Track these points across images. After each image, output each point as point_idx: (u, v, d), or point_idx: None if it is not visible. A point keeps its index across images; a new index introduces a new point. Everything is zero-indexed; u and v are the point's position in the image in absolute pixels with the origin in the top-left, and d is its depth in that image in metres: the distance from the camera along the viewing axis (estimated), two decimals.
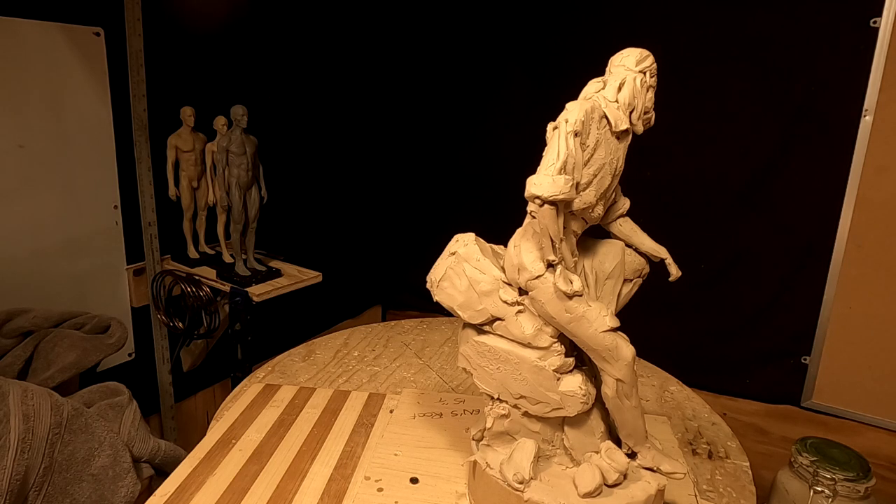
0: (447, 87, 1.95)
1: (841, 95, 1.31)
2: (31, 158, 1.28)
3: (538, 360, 0.66)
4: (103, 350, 1.16)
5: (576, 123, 0.62)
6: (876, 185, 1.31)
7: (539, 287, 0.63)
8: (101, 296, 1.46)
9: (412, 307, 2.22)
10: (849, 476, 1.08)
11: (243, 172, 1.44)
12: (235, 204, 1.46)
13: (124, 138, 1.44)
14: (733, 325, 1.53)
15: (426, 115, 2.03)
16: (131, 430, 1.02)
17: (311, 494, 0.76)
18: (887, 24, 1.24)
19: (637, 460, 0.70)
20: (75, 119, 1.34)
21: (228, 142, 1.42)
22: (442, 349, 1.27)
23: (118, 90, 1.40)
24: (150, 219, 1.51)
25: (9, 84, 1.22)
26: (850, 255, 1.36)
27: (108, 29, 1.36)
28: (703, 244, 1.52)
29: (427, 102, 2.02)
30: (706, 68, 1.45)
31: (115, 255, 1.49)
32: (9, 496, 0.80)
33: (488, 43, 1.82)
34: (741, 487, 0.81)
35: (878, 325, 1.34)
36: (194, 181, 1.55)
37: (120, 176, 1.45)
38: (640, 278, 0.78)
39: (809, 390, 1.45)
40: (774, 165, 1.42)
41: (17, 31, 1.21)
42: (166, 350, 1.64)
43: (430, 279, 0.73)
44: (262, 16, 1.72)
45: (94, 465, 0.91)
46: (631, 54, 0.69)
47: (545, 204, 0.60)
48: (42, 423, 0.86)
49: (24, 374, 1.08)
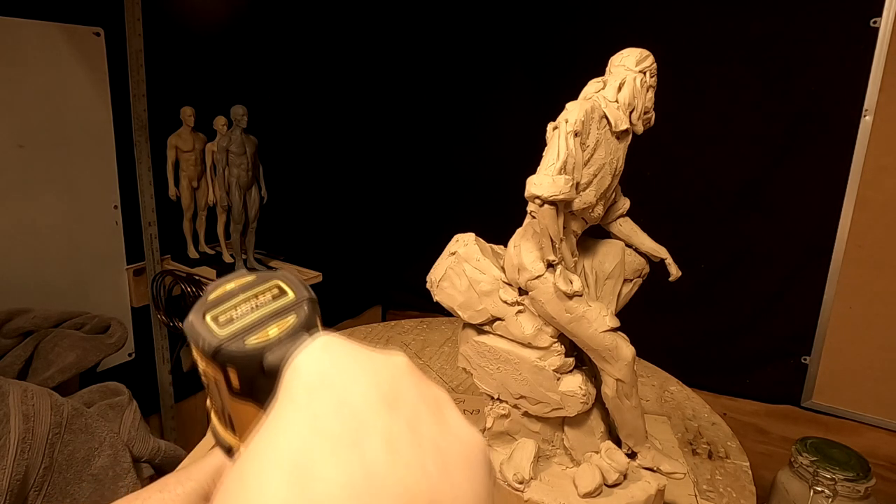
0: (447, 87, 1.95)
1: (841, 95, 1.31)
2: (31, 158, 1.28)
3: (538, 360, 0.66)
4: (103, 350, 1.16)
5: (576, 123, 0.62)
6: (876, 185, 1.31)
7: (539, 287, 0.63)
8: (101, 296, 1.46)
9: (412, 307, 2.22)
10: (849, 476, 1.08)
11: (243, 172, 1.44)
12: (235, 204, 1.46)
13: (124, 138, 1.44)
14: (733, 325, 1.53)
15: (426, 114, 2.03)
16: (131, 430, 1.02)
17: None
18: (887, 24, 1.24)
19: (637, 460, 0.70)
20: (75, 119, 1.34)
21: (228, 142, 1.42)
22: (442, 349, 1.27)
23: (118, 90, 1.40)
24: (150, 219, 1.51)
25: (9, 84, 1.22)
26: (850, 255, 1.36)
27: (108, 29, 1.36)
28: (703, 244, 1.52)
29: (427, 102, 2.02)
30: (706, 68, 1.45)
31: (115, 255, 1.49)
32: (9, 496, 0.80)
33: (488, 43, 1.82)
34: (741, 487, 0.81)
35: (878, 325, 1.34)
36: (194, 181, 1.55)
37: (120, 176, 1.45)
38: (640, 278, 0.78)
39: (809, 390, 1.45)
40: (774, 165, 1.42)
41: (17, 31, 1.21)
42: (166, 350, 1.64)
43: (430, 279, 0.73)
44: (261, 16, 1.72)
45: (94, 465, 0.91)
46: (631, 54, 0.69)
47: (545, 204, 0.60)
48: (42, 423, 0.86)
49: (24, 374, 1.08)
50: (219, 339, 0.25)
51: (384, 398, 0.21)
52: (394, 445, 0.19)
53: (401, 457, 0.19)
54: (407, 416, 0.21)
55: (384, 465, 0.18)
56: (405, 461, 0.19)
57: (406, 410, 0.21)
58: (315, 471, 0.18)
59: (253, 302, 0.27)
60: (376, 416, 0.20)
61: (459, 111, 1.94)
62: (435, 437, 0.21)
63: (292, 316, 0.26)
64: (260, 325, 0.26)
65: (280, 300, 0.27)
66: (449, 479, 0.20)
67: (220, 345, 0.25)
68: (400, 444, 0.19)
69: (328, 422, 0.19)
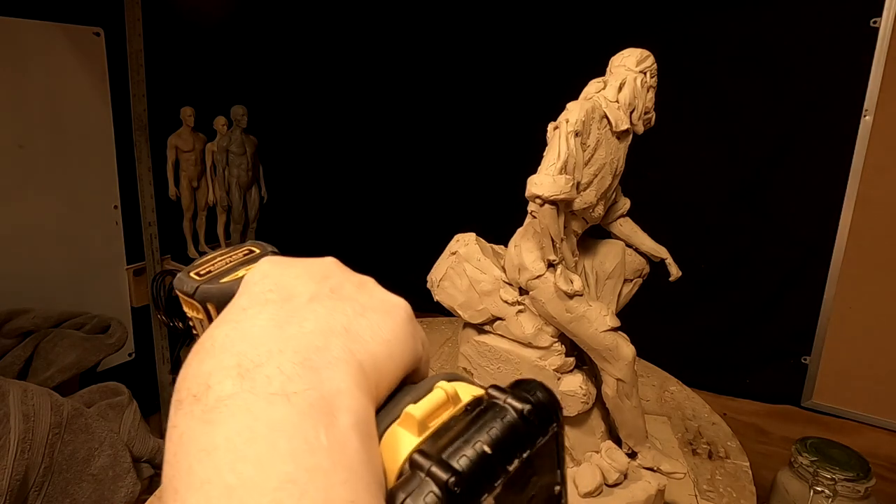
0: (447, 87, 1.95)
1: (841, 95, 1.31)
2: (31, 158, 1.28)
3: (539, 360, 0.66)
4: (103, 350, 1.16)
5: (576, 123, 0.62)
6: (876, 185, 1.31)
7: (540, 287, 0.63)
8: (101, 296, 1.46)
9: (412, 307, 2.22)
10: (849, 476, 1.08)
11: (243, 172, 1.44)
12: (235, 204, 1.46)
13: (124, 138, 1.44)
14: (733, 325, 1.53)
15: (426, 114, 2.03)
16: (131, 430, 1.02)
17: None
18: (887, 24, 1.24)
19: (637, 460, 0.70)
20: (75, 119, 1.34)
21: (228, 142, 1.42)
22: (442, 349, 1.27)
23: (118, 90, 1.40)
24: (150, 219, 1.51)
25: (9, 84, 1.22)
26: (850, 255, 1.36)
27: (108, 29, 1.36)
28: (703, 244, 1.51)
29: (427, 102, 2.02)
30: (706, 68, 1.45)
31: (115, 255, 1.49)
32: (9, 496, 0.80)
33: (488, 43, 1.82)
34: (741, 487, 0.81)
35: (878, 324, 1.34)
36: (194, 181, 1.55)
37: (120, 176, 1.45)
38: (640, 278, 0.78)
39: (809, 390, 1.45)
40: (774, 165, 1.42)
41: (17, 31, 1.21)
42: (166, 350, 1.64)
43: (430, 279, 0.73)
44: (261, 16, 1.72)
45: (94, 465, 0.91)
46: (631, 54, 0.69)
47: (546, 204, 0.60)
48: (42, 423, 0.86)
49: (24, 374, 1.08)
50: (197, 282, 0.31)
51: (313, 276, 0.26)
52: (316, 299, 0.24)
53: (321, 304, 0.24)
54: (331, 286, 0.25)
55: (305, 310, 0.23)
56: (326, 306, 0.23)
57: (332, 282, 0.26)
58: (248, 317, 0.22)
59: (227, 258, 0.34)
60: (304, 287, 0.25)
61: (459, 111, 1.94)
62: (356, 296, 0.25)
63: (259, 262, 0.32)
64: (232, 271, 0.32)
65: (249, 255, 0.34)
66: (366, 318, 0.24)
67: (198, 286, 0.31)
68: (322, 298, 0.24)
69: (266, 294, 0.24)
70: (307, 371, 0.20)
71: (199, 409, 0.19)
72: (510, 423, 0.21)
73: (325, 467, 0.18)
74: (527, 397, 0.22)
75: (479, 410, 0.22)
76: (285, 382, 0.19)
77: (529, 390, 0.22)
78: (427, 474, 0.19)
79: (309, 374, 0.20)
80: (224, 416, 0.19)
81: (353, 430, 0.20)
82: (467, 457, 0.19)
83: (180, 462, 0.19)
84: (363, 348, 0.23)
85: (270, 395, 0.19)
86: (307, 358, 0.21)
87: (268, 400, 0.19)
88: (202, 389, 0.20)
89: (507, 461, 0.20)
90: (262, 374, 0.20)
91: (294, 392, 0.19)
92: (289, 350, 0.21)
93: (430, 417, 0.22)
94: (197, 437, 0.19)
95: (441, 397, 0.22)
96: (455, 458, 0.19)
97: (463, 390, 0.23)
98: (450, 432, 0.21)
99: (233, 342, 0.21)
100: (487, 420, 0.21)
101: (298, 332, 0.22)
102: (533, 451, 0.21)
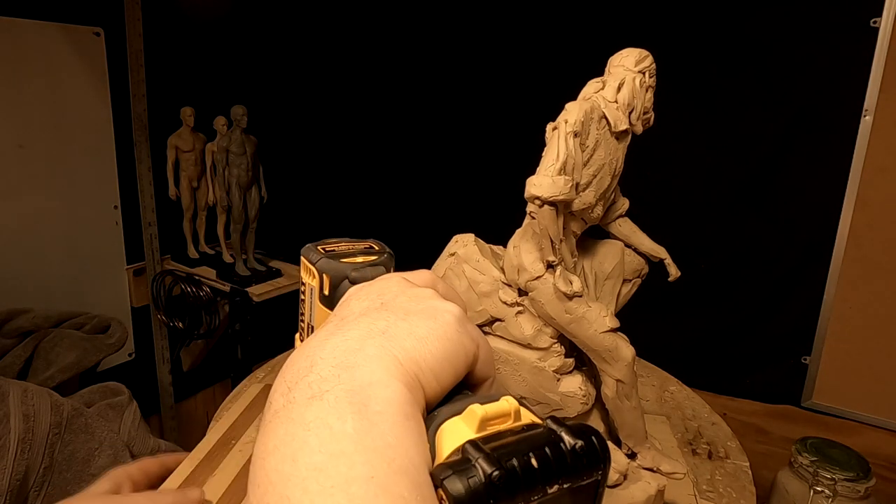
0: (447, 87, 1.95)
1: (841, 95, 1.31)
2: (31, 158, 1.28)
3: (538, 361, 0.66)
4: (103, 350, 1.16)
5: (575, 124, 0.62)
6: (876, 185, 1.30)
7: (539, 288, 0.63)
8: (101, 296, 1.47)
9: None
10: (849, 476, 1.08)
11: (243, 172, 1.44)
12: (235, 204, 1.46)
13: (124, 138, 1.44)
14: (733, 325, 1.53)
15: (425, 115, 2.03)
16: (131, 430, 1.03)
17: None
18: (887, 24, 1.24)
19: (637, 460, 0.70)
20: (75, 119, 1.34)
21: (228, 142, 1.42)
22: None
23: (118, 90, 1.40)
24: (150, 219, 1.51)
25: (9, 84, 1.22)
26: (850, 255, 1.36)
27: (108, 29, 1.36)
28: (703, 244, 1.51)
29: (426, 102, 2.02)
30: (706, 68, 1.45)
31: (115, 255, 1.49)
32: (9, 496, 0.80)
33: (487, 43, 1.82)
34: (741, 487, 0.81)
35: (878, 325, 1.34)
36: (194, 181, 1.55)
37: (120, 176, 1.45)
38: (639, 278, 0.78)
39: (809, 390, 1.45)
40: (774, 165, 1.42)
41: (17, 31, 1.21)
42: (166, 350, 1.64)
43: None
44: (261, 16, 1.72)
45: (94, 465, 0.91)
46: (630, 54, 0.69)
47: (545, 204, 0.60)
48: (42, 423, 0.86)
49: (24, 374, 1.08)
50: (321, 255, 0.38)
51: (370, 295, 0.30)
52: (366, 313, 0.28)
53: (368, 316, 0.28)
54: (385, 300, 0.30)
55: (352, 322, 0.27)
56: (372, 317, 0.27)
57: (386, 297, 0.30)
58: (311, 338, 0.27)
59: (350, 245, 0.41)
60: (359, 305, 0.30)
61: (458, 112, 1.94)
62: (406, 304, 0.29)
63: (375, 256, 0.39)
64: (351, 255, 0.38)
65: (367, 249, 0.41)
66: (407, 321, 0.27)
67: (321, 258, 0.37)
68: (371, 312, 0.28)
69: (331, 318, 0.30)
70: (342, 370, 0.24)
71: (263, 423, 0.24)
72: (561, 451, 0.22)
73: (349, 451, 0.21)
74: (583, 436, 0.23)
75: (536, 433, 0.23)
76: (321, 384, 0.23)
77: (586, 431, 0.24)
78: (476, 462, 0.21)
79: (343, 372, 0.24)
80: (274, 427, 0.23)
81: (382, 414, 0.22)
82: (514, 463, 0.21)
83: (253, 465, 0.23)
84: (398, 345, 0.25)
85: (308, 400, 0.23)
86: (344, 360, 0.24)
87: (305, 405, 0.23)
88: (267, 406, 0.24)
89: (549, 482, 0.22)
90: (305, 383, 0.23)
91: (326, 391, 0.23)
92: (329, 357, 0.24)
93: (490, 421, 0.23)
94: (258, 446, 0.23)
95: (505, 407, 0.24)
96: (504, 459, 0.21)
97: (524, 413, 0.25)
98: (504, 438, 0.22)
99: (293, 361, 0.26)
100: (541, 442, 0.22)
101: (340, 340, 0.25)
102: (574, 485, 0.22)
